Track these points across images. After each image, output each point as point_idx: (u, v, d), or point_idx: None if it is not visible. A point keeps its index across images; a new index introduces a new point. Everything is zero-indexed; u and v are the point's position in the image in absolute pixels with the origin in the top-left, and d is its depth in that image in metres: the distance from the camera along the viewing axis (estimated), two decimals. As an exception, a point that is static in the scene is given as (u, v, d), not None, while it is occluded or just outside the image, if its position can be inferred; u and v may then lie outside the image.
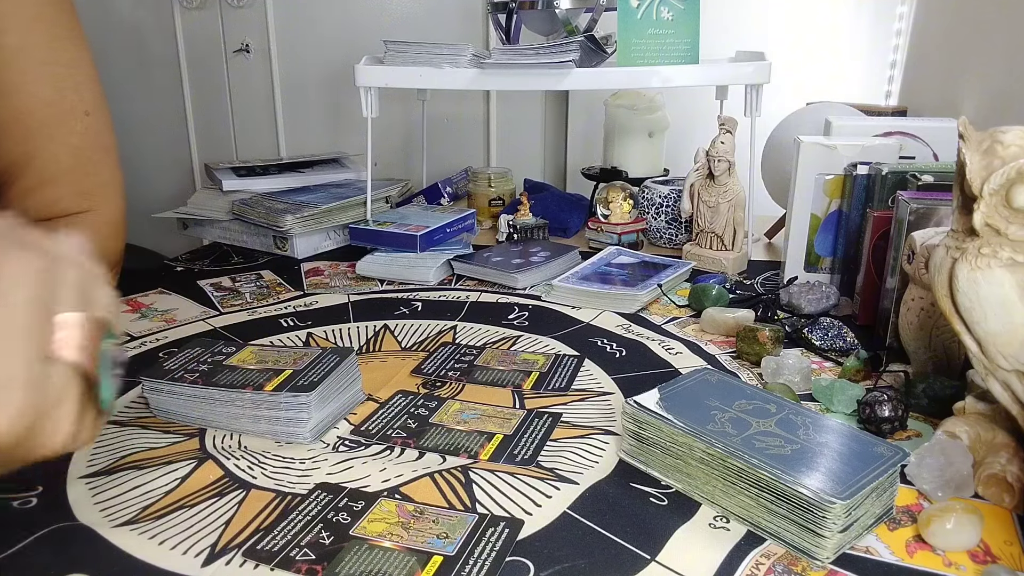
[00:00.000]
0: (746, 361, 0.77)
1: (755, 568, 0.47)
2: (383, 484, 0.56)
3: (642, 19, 1.03)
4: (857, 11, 1.47)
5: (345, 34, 1.64)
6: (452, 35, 1.57)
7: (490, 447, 0.60)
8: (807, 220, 0.95)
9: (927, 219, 0.74)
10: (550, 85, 1.14)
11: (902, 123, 1.00)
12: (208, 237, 1.19)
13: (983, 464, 0.55)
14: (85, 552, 0.49)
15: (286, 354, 0.68)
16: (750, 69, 1.04)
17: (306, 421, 0.61)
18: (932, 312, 0.67)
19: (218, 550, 0.49)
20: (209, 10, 1.68)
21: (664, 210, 1.12)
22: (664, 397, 0.58)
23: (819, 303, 0.86)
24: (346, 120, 1.68)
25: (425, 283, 1.00)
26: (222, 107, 1.75)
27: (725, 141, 1.00)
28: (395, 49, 1.09)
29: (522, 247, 1.09)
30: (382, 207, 1.22)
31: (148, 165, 1.77)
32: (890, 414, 0.62)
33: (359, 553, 0.48)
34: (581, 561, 0.48)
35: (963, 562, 0.48)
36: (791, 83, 1.27)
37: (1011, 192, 0.51)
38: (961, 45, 1.22)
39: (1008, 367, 0.53)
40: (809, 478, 0.48)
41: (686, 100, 1.30)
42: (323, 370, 0.64)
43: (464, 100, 1.64)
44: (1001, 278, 0.52)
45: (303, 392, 0.61)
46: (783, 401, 0.58)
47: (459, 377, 0.73)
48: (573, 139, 1.62)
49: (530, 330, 0.85)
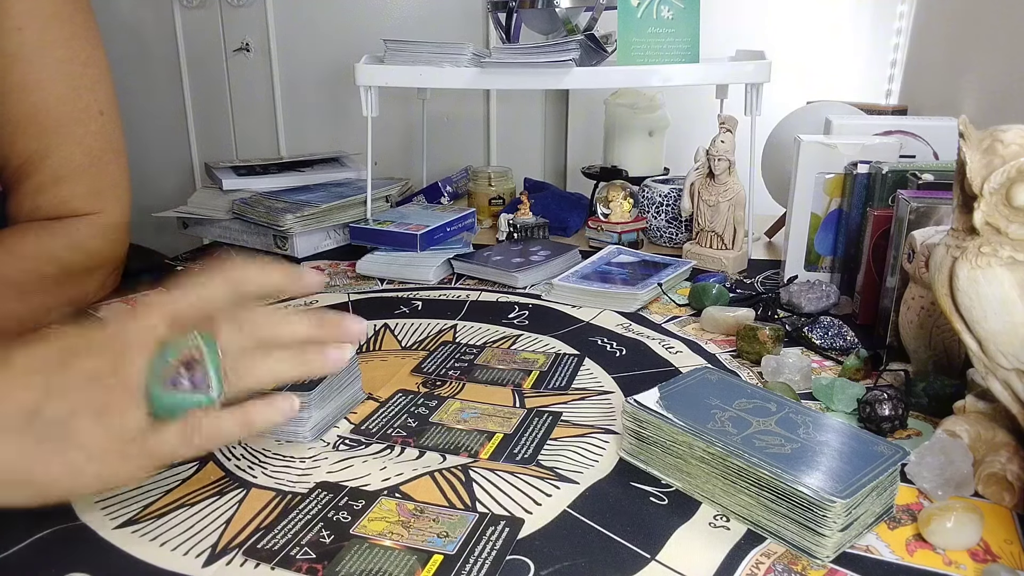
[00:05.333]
0: (746, 360, 0.77)
1: (755, 567, 0.47)
2: (383, 483, 0.56)
3: (642, 18, 1.03)
4: (857, 10, 1.47)
5: (345, 33, 1.64)
6: (452, 34, 1.57)
7: (490, 446, 0.60)
8: (807, 219, 0.95)
9: (927, 218, 0.74)
10: (550, 84, 1.14)
11: (902, 122, 1.00)
12: (208, 236, 1.19)
13: (983, 463, 0.55)
14: (85, 552, 0.49)
15: None
16: (750, 68, 1.04)
17: (306, 420, 0.61)
18: (932, 311, 0.67)
19: (219, 550, 0.49)
20: (209, 9, 1.68)
21: (664, 209, 1.12)
22: (664, 396, 0.58)
23: (819, 302, 0.86)
24: (346, 119, 1.68)
25: (425, 282, 1.00)
26: (222, 106, 1.75)
27: (725, 140, 1.00)
28: (395, 48, 1.09)
29: (522, 246, 1.09)
30: (382, 206, 1.22)
31: (148, 164, 1.77)
32: (890, 413, 0.62)
33: (359, 552, 0.48)
34: (581, 560, 0.48)
35: (963, 561, 0.48)
36: (791, 82, 1.27)
37: (1011, 191, 0.51)
38: (961, 44, 1.22)
39: (1008, 366, 0.53)
40: (809, 477, 0.48)
41: (686, 99, 1.30)
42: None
43: (464, 99, 1.64)
44: (1001, 277, 0.52)
45: (303, 391, 0.61)
46: (783, 400, 0.58)
47: (459, 376, 0.73)
48: (573, 138, 1.62)
49: (530, 329, 0.85)
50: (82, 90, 0.81)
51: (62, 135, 0.80)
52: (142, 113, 1.76)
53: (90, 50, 0.81)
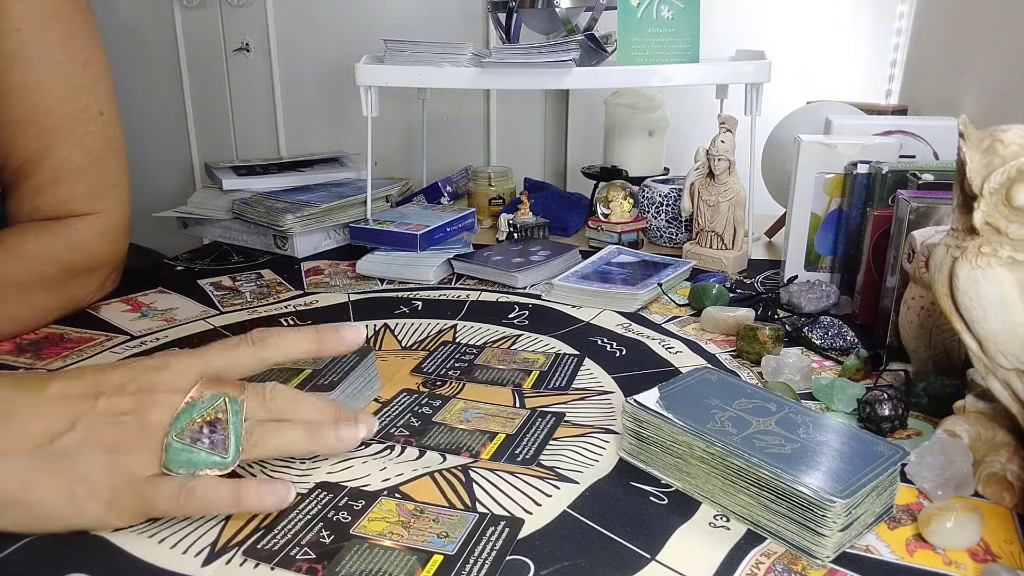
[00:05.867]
0: (746, 360, 0.77)
1: (755, 567, 0.47)
2: (383, 483, 0.56)
3: (642, 18, 1.03)
4: (857, 10, 1.47)
5: (345, 33, 1.64)
6: (452, 34, 1.57)
7: (492, 446, 0.60)
8: (807, 219, 0.95)
9: (927, 218, 0.74)
10: (550, 84, 1.14)
11: (902, 122, 1.00)
12: (208, 236, 1.19)
13: (983, 463, 0.55)
14: (85, 552, 0.49)
15: None
16: (750, 68, 1.04)
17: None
18: (932, 311, 0.67)
19: (218, 549, 0.49)
20: (209, 9, 1.68)
21: (664, 209, 1.12)
22: (664, 396, 0.58)
23: (819, 302, 0.86)
24: (346, 119, 1.68)
25: (425, 282, 1.00)
26: (222, 106, 1.75)
27: (725, 140, 1.00)
28: (395, 48, 1.09)
29: (522, 246, 1.09)
30: (382, 206, 1.22)
31: (148, 164, 1.77)
32: (890, 413, 0.62)
33: (359, 552, 0.48)
34: (581, 560, 0.48)
35: (963, 561, 0.48)
36: (791, 82, 1.27)
37: (1011, 191, 0.51)
38: (961, 44, 1.22)
39: (1008, 366, 0.53)
40: (809, 477, 0.48)
41: (686, 99, 1.30)
42: (343, 369, 0.65)
43: (464, 99, 1.64)
44: (1001, 277, 0.52)
45: (324, 391, 0.61)
46: (783, 400, 0.58)
47: (459, 376, 0.73)
48: (573, 138, 1.62)
49: (530, 329, 0.85)
50: (82, 90, 0.81)
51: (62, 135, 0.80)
52: (142, 113, 1.76)
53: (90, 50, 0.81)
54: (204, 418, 0.47)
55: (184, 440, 0.47)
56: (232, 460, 0.48)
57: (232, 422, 0.48)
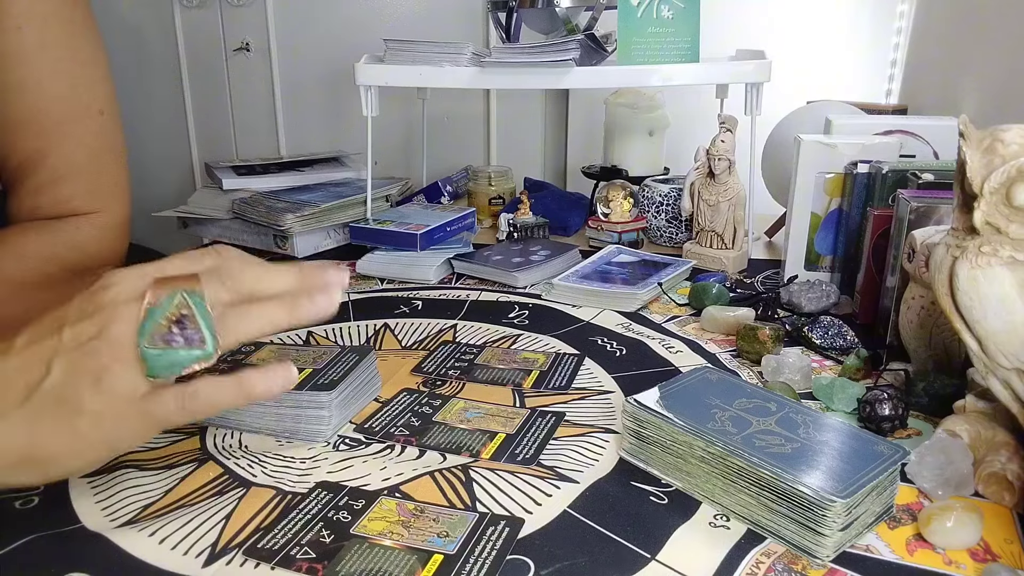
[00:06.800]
0: (746, 360, 0.77)
1: (755, 567, 0.47)
2: (383, 483, 0.56)
3: (642, 17, 1.03)
4: (857, 9, 1.47)
5: (345, 33, 1.64)
6: (452, 34, 1.57)
7: (492, 446, 0.60)
8: (807, 219, 0.95)
9: (927, 217, 0.74)
10: (550, 84, 1.14)
11: (902, 121, 1.00)
12: (208, 236, 1.19)
13: (983, 462, 0.55)
14: (85, 552, 0.49)
15: (305, 353, 0.69)
16: (750, 68, 1.04)
17: (328, 419, 0.62)
18: (932, 310, 0.67)
19: (218, 549, 0.49)
20: (209, 9, 1.68)
21: (664, 209, 1.12)
22: (664, 396, 0.58)
23: (819, 302, 0.86)
24: (346, 119, 1.68)
25: (425, 282, 1.00)
26: (222, 106, 1.75)
27: (725, 140, 1.00)
28: (395, 48, 1.09)
29: (522, 246, 1.09)
30: (382, 206, 1.22)
31: (148, 164, 1.77)
32: (890, 412, 0.62)
33: (360, 552, 0.48)
34: (581, 559, 0.48)
35: (963, 560, 0.48)
36: (791, 82, 1.27)
37: (1011, 190, 0.51)
38: (961, 43, 1.22)
39: (1008, 365, 0.53)
40: (809, 476, 0.48)
41: (687, 98, 1.30)
42: (343, 368, 0.65)
43: (464, 99, 1.64)
44: (1001, 276, 0.52)
45: (324, 391, 0.61)
46: (783, 400, 0.58)
47: (459, 376, 0.73)
48: (573, 138, 1.62)
49: (530, 329, 0.85)
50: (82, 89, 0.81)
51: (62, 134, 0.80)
52: (142, 113, 1.76)
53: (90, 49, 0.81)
54: (169, 318, 0.46)
55: (157, 345, 0.46)
56: (213, 349, 0.46)
57: (198, 313, 0.46)
